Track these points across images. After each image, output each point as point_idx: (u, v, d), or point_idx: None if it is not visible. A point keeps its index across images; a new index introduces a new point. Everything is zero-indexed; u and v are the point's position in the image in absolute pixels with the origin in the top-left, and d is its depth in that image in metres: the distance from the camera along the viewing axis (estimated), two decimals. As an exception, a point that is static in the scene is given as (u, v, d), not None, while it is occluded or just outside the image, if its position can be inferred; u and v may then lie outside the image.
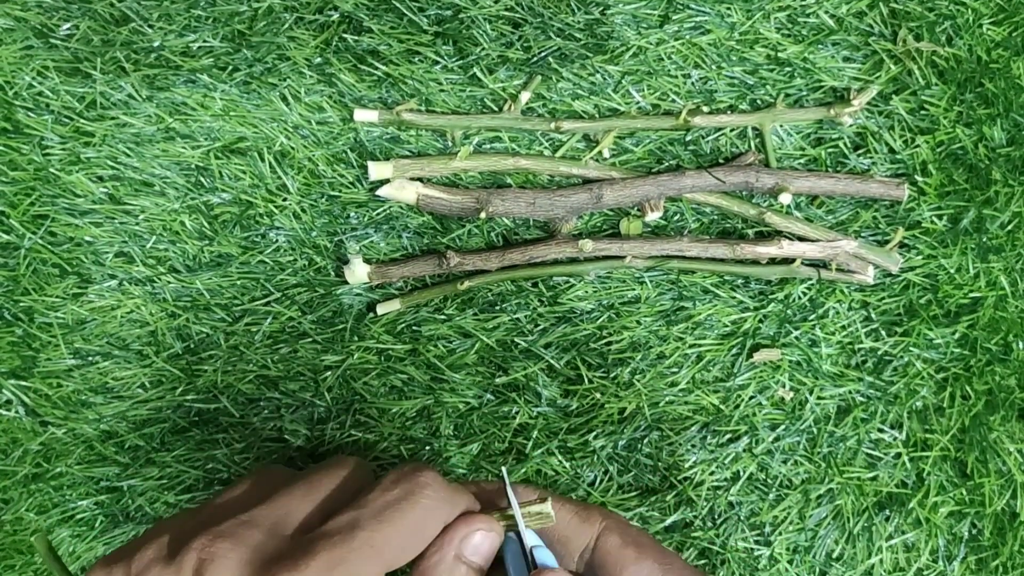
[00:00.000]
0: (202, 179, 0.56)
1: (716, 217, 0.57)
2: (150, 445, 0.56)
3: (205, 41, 0.55)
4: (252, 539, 0.32)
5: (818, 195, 0.57)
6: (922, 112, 0.56)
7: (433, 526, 0.35)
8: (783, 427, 0.56)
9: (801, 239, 0.56)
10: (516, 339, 0.56)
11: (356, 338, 0.56)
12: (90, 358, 0.56)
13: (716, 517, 0.56)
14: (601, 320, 0.57)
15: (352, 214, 0.56)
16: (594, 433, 0.56)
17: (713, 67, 0.56)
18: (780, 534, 0.56)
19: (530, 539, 0.37)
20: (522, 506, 0.37)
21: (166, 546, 0.32)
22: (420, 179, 0.55)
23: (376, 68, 0.55)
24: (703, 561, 0.56)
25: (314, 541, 0.32)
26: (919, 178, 0.56)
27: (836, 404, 0.56)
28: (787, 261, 0.56)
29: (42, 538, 0.38)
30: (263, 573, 0.30)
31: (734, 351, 0.57)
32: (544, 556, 0.36)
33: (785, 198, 0.55)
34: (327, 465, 0.37)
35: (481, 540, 0.35)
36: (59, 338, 0.56)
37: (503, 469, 0.45)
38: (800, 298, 0.57)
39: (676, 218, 0.57)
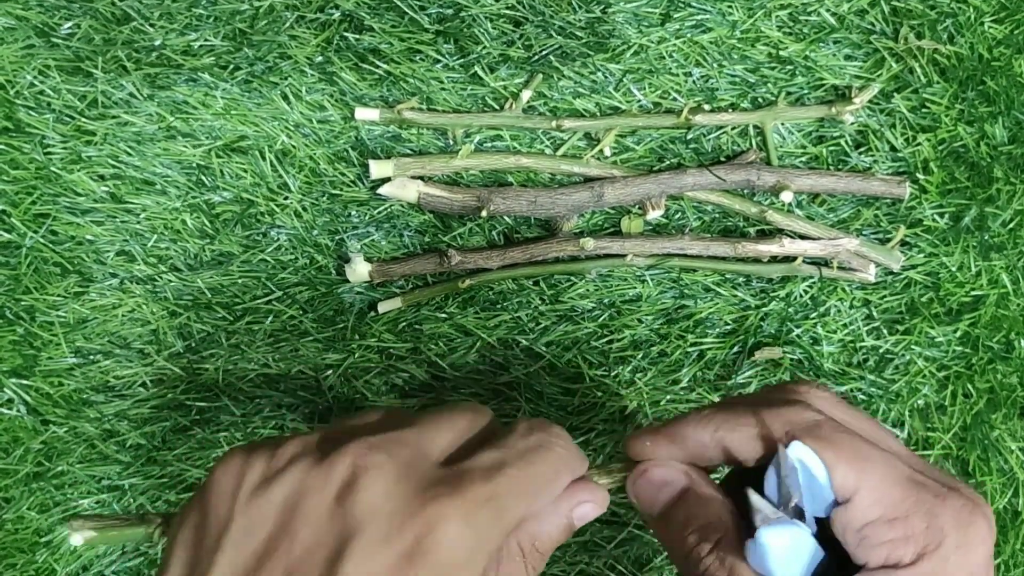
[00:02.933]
0: (203, 178, 0.56)
1: (717, 215, 0.57)
2: (151, 444, 0.56)
3: (206, 40, 0.55)
4: (405, 457, 0.31)
5: (819, 193, 0.57)
6: (924, 110, 0.56)
7: (566, 476, 0.34)
8: (785, 425, 0.56)
9: (802, 237, 0.55)
10: (517, 337, 0.56)
11: (357, 336, 0.56)
12: (91, 357, 0.56)
13: (718, 515, 0.56)
14: (602, 318, 0.56)
15: (353, 212, 0.56)
16: (595, 432, 0.56)
17: (714, 65, 0.56)
18: (782, 532, 0.56)
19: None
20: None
21: (314, 446, 0.31)
22: (421, 177, 0.55)
23: (377, 67, 0.55)
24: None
25: (465, 473, 0.31)
26: (920, 176, 0.56)
27: (838, 402, 0.56)
28: (788, 259, 0.56)
29: (79, 526, 0.36)
30: (420, 494, 0.29)
31: (735, 349, 0.57)
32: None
33: (786, 196, 0.55)
34: (463, 407, 0.36)
35: (591, 511, 0.36)
36: (60, 337, 0.56)
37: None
38: (801, 296, 0.57)
39: (677, 216, 0.57)
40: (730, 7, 0.56)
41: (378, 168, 0.54)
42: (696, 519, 0.34)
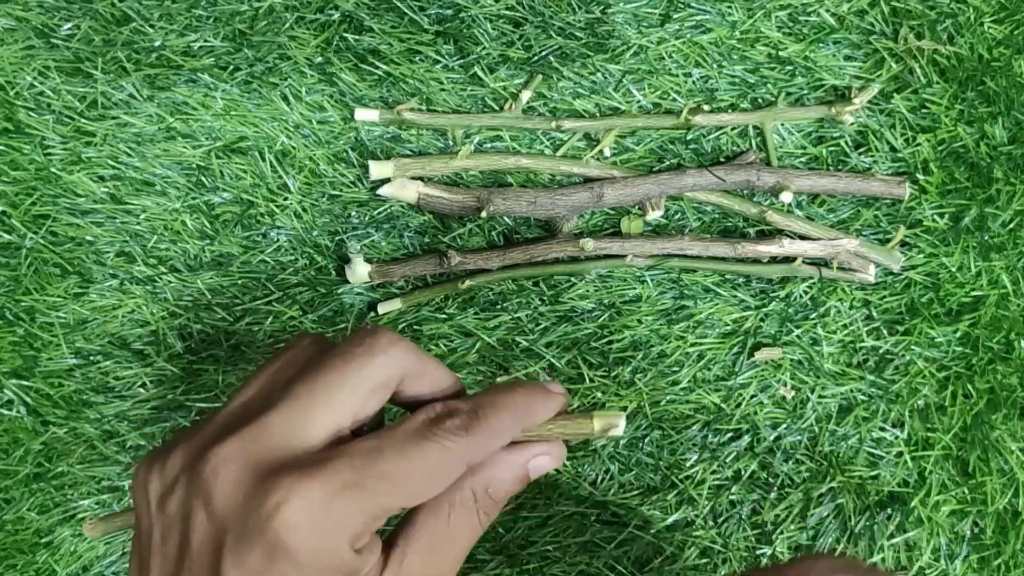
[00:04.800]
0: (203, 179, 0.56)
1: (717, 216, 0.57)
2: (151, 444, 0.56)
3: (206, 40, 0.55)
4: (261, 449, 0.31)
5: (819, 194, 0.57)
6: (923, 110, 0.56)
7: (453, 470, 0.33)
8: (784, 426, 0.56)
9: (802, 238, 0.55)
10: (517, 338, 0.56)
11: (357, 337, 0.56)
12: (91, 358, 0.56)
13: (717, 516, 0.56)
14: (602, 319, 0.56)
15: (353, 213, 0.56)
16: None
17: (714, 66, 0.56)
18: (782, 533, 0.56)
19: None
20: (598, 427, 0.36)
21: (196, 451, 0.32)
22: (421, 178, 0.55)
23: (377, 67, 0.55)
24: (704, 560, 0.56)
25: (328, 457, 0.31)
26: (920, 176, 0.56)
27: (838, 403, 0.56)
28: (788, 260, 0.56)
29: (95, 525, 0.38)
30: (263, 483, 0.29)
31: (735, 350, 0.57)
32: None
33: (786, 197, 0.55)
34: (353, 378, 0.34)
35: (547, 462, 0.36)
36: (60, 338, 0.56)
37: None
38: (801, 297, 0.57)
39: (677, 217, 0.57)
40: (730, 8, 0.56)
41: (378, 169, 0.54)
42: None
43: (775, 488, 0.56)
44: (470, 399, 0.35)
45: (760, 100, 0.56)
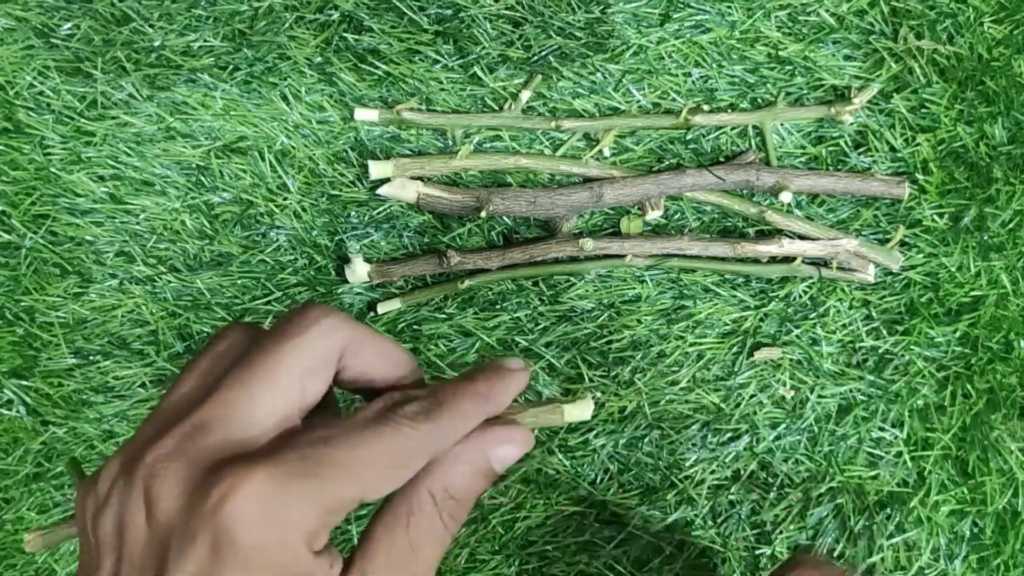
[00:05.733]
0: (203, 178, 0.56)
1: (717, 216, 0.57)
2: (151, 444, 0.56)
3: (206, 40, 0.55)
4: (200, 447, 0.29)
5: (819, 193, 0.57)
6: (923, 110, 0.56)
7: (418, 456, 0.31)
8: (784, 426, 0.56)
9: (802, 237, 0.55)
10: (517, 338, 0.56)
11: (357, 337, 0.56)
12: (91, 357, 0.56)
13: (717, 516, 0.56)
14: (602, 319, 0.56)
15: (353, 213, 0.56)
16: (595, 432, 0.56)
17: (714, 66, 0.56)
18: (781, 533, 0.56)
19: None
20: (567, 410, 0.35)
21: (128, 465, 0.30)
22: (420, 178, 0.55)
23: (376, 67, 0.55)
24: (704, 559, 0.56)
25: (277, 448, 0.29)
26: (920, 176, 0.56)
27: (837, 403, 0.56)
28: (788, 260, 0.56)
29: (72, 464, 0.37)
30: (206, 479, 0.27)
31: (735, 350, 0.57)
32: None
33: (786, 196, 0.55)
34: (290, 360, 0.31)
35: (511, 452, 0.34)
36: (60, 337, 0.56)
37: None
38: (801, 297, 0.57)
39: (677, 217, 0.57)
40: (729, 8, 0.56)
41: (377, 169, 0.54)
42: None
43: (774, 488, 0.56)
44: (429, 387, 0.33)
45: (760, 100, 0.56)
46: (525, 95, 0.55)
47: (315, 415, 0.32)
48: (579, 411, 0.36)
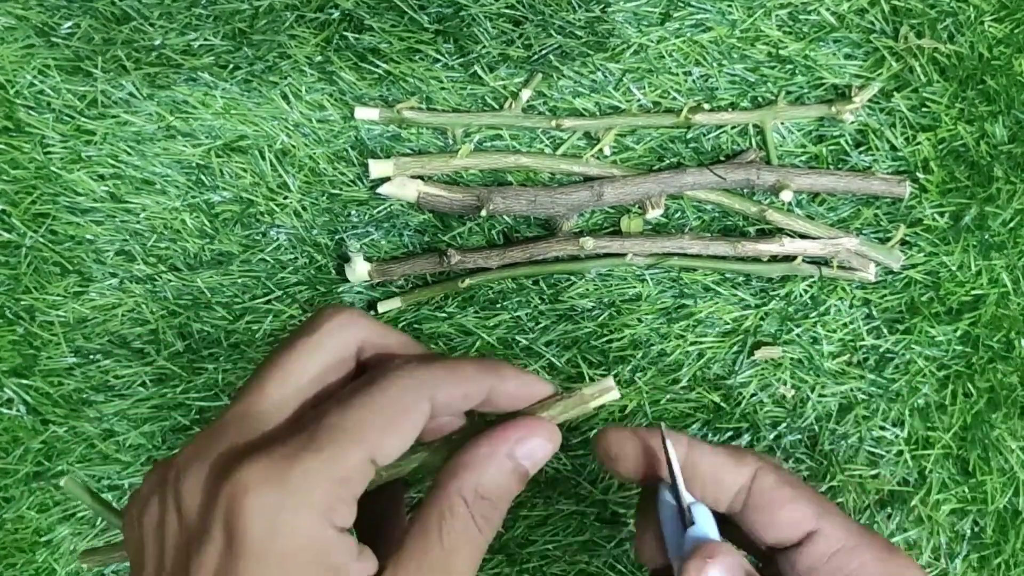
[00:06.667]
0: (203, 177, 0.56)
1: (717, 215, 0.57)
2: (151, 443, 0.56)
3: (206, 39, 0.55)
4: (219, 445, 0.29)
5: (819, 192, 0.57)
6: (923, 109, 0.56)
7: (418, 404, 0.30)
8: (784, 425, 0.56)
9: (802, 236, 0.55)
10: (517, 337, 0.56)
11: (357, 336, 0.56)
12: (91, 356, 0.56)
13: (718, 515, 0.56)
14: (602, 318, 0.56)
15: (353, 212, 0.56)
16: (595, 430, 0.56)
17: (714, 64, 0.56)
18: (782, 532, 0.56)
19: (687, 497, 0.34)
20: (588, 394, 0.34)
21: (165, 469, 0.31)
22: (421, 177, 0.55)
23: (377, 66, 0.55)
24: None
25: (280, 433, 0.29)
26: (920, 175, 0.56)
27: (837, 402, 0.56)
28: (788, 259, 0.56)
29: (72, 480, 0.36)
30: (220, 475, 0.28)
31: (735, 349, 0.57)
32: (702, 517, 0.33)
33: (786, 195, 0.55)
34: (288, 353, 0.32)
35: (539, 447, 0.33)
36: (60, 336, 0.56)
37: (662, 424, 0.38)
38: (801, 296, 0.57)
39: (677, 216, 0.57)
40: (730, 6, 0.56)
41: (378, 167, 0.54)
42: None
43: (775, 487, 0.56)
44: None
45: (760, 99, 0.56)
46: (525, 94, 0.55)
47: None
48: (602, 392, 0.34)
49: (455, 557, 0.30)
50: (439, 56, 0.55)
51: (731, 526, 0.36)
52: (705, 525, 0.33)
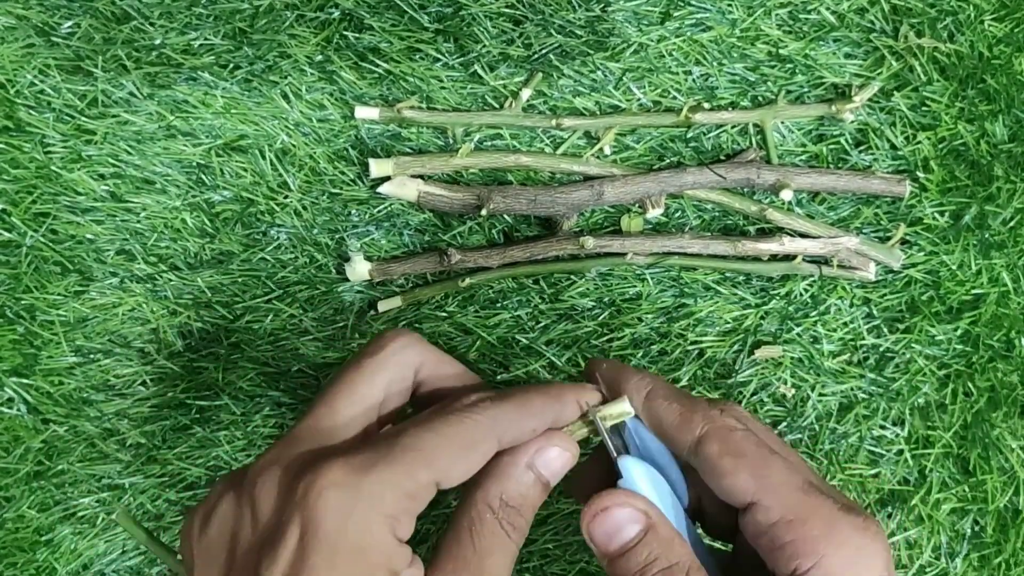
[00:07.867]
0: (203, 177, 0.56)
1: (717, 214, 0.57)
2: (151, 443, 0.56)
3: (206, 39, 0.55)
4: (295, 451, 0.32)
5: (819, 192, 0.57)
6: (924, 108, 0.56)
7: (487, 441, 0.33)
8: (785, 424, 0.56)
9: (802, 236, 0.55)
10: (517, 336, 0.56)
11: (357, 335, 0.56)
12: (91, 356, 0.56)
13: (718, 514, 0.56)
14: (602, 317, 0.56)
15: (353, 211, 0.56)
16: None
17: (714, 64, 0.56)
18: (782, 531, 0.56)
19: (613, 452, 0.37)
20: (600, 410, 0.37)
21: (242, 476, 0.33)
22: (421, 176, 0.55)
23: (377, 65, 0.55)
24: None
25: (355, 445, 0.31)
26: (921, 174, 0.56)
27: (838, 401, 0.56)
28: (788, 258, 0.56)
29: (124, 514, 0.38)
30: (296, 478, 0.30)
31: (735, 348, 0.57)
32: (631, 471, 0.36)
33: (786, 195, 0.55)
34: (359, 375, 0.35)
35: (556, 456, 0.35)
36: (60, 336, 0.56)
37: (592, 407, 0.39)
38: (802, 295, 0.57)
39: (677, 215, 0.57)
40: (730, 5, 0.56)
41: (378, 167, 0.54)
42: (658, 561, 0.34)
43: (775, 486, 0.56)
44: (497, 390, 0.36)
45: (760, 98, 0.56)
46: (526, 93, 0.55)
47: (390, 418, 0.35)
48: (618, 410, 0.37)
49: (488, 561, 0.33)
50: (439, 55, 0.55)
51: None
52: (634, 478, 0.35)
